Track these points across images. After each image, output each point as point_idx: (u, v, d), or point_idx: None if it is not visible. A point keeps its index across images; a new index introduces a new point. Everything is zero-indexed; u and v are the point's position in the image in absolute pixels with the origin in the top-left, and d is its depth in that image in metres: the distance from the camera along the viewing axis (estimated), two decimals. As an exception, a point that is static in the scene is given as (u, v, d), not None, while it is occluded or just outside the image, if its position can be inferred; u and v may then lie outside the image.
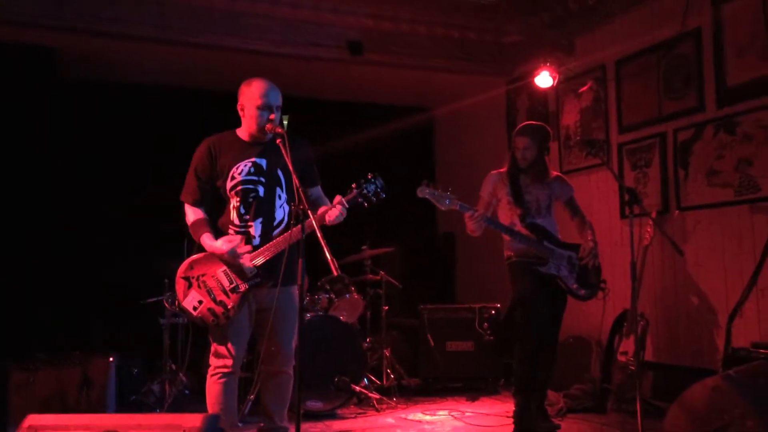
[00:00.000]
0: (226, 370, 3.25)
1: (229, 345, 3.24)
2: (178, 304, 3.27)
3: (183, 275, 3.27)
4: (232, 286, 3.22)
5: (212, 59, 5.84)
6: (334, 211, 3.16)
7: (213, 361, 3.29)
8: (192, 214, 3.34)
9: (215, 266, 3.25)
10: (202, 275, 3.25)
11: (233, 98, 3.34)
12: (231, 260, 3.20)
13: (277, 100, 3.29)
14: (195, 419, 2.42)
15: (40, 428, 2.43)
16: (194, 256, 3.32)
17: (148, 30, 5.12)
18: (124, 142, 6.24)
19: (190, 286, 3.24)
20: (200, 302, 3.22)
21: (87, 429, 2.40)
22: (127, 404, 4.73)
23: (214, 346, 3.29)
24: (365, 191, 3.23)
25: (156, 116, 6.36)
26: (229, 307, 3.20)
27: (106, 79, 6.28)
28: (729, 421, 3.19)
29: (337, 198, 3.22)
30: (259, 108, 3.22)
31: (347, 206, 3.20)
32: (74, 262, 5.79)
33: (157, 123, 6.33)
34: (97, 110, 6.18)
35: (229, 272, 3.24)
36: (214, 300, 3.21)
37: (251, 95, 3.25)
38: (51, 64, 5.55)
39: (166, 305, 4.84)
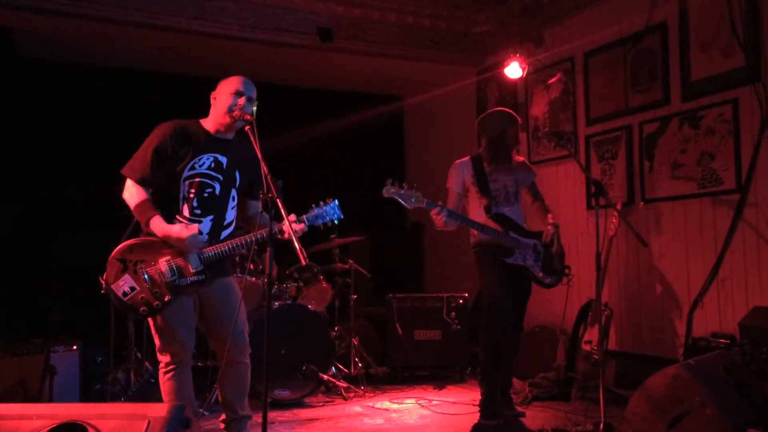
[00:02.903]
0: (175, 365, 3.18)
1: (176, 337, 3.15)
2: (107, 284, 3.10)
3: (119, 257, 3.11)
4: (172, 278, 3.08)
5: (178, 43, 5.75)
6: (297, 226, 3.12)
7: (161, 357, 3.20)
8: (136, 193, 3.13)
9: (158, 255, 3.10)
10: (141, 261, 3.09)
11: (200, 82, 3.30)
12: (185, 248, 3.08)
13: (252, 92, 3.27)
14: (161, 408, 2.39)
15: (0, 417, 2.38)
16: (134, 240, 3.16)
17: (110, 11, 5.00)
18: (86, 125, 6.10)
19: (125, 270, 3.08)
20: (132, 289, 3.07)
21: (50, 418, 2.35)
22: (91, 393, 4.65)
23: (158, 342, 3.18)
24: (325, 215, 3.23)
25: (120, 99, 6.23)
26: (165, 300, 3.07)
27: (67, 61, 6.15)
28: (688, 409, 3.27)
29: (293, 216, 3.14)
30: (232, 93, 3.20)
31: (307, 223, 3.19)
32: (34, 248, 5.66)
33: (120, 106, 6.21)
34: (58, 92, 6.04)
35: (173, 264, 3.09)
36: (151, 290, 3.06)
37: (228, 83, 3.25)
38: (8, 44, 5.39)
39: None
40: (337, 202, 3.27)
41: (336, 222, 3.25)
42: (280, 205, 2.86)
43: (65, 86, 6.08)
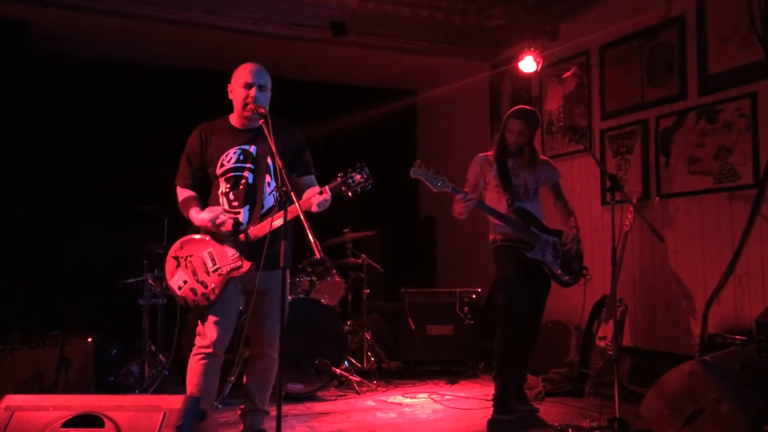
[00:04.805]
0: (207, 351, 3.24)
1: (213, 327, 3.23)
2: (165, 283, 3.32)
3: (173, 255, 3.30)
4: (215, 267, 3.22)
5: (192, 37, 5.75)
6: (317, 198, 3.11)
7: (197, 341, 3.29)
8: (181, 192, 3.39)
9: (202, 247, 3.27)
10: (190, 256, 3.27)
11: (213, 77, 3.33)
12: (214, 229, 3.20)
13: (263, 80, 3.29)
14: (175, 401, 2.40)
15: (17, 409, 2.39)
16: (185, 237, 3.33)
17: (124, 5, 5.02)
18: (102, 121, 6.13)
19: (178, 266, 3.28)
20: (185, 282, 3.25)
21: (66, 409, 2.37)
22: (105, 385, 4.69)
23: (198, 327, 3.29)
24: (350, 180, 3.12)
25: (134, 95, 6.26)
26: (209, 287, 3.20)
27: (82, 56, 6.16)
28: (704, 406, 3.25)
29: (316, 189, 3.21)
30: (242, 86, 3.24)
31: (330, 194, 3.14)
32: (51, 243, 5.71)
33: (135, 101, 6.23)
34: (73, 87, 6.06)
35: (213, 253, 3.24)
36: (197, 280, 3.23)
37: (239, 74, 3.28)
38: (25, 39, 5.41)
39: (151, 282, 4.82)
40: (364, 165, 3.17)
41: (369, 186, 3.15)
42: (294, 198, 2.90)
43: (80, 81, 6.10)
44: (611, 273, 3.86)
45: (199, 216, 3.24)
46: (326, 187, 3.16)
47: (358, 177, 3.12)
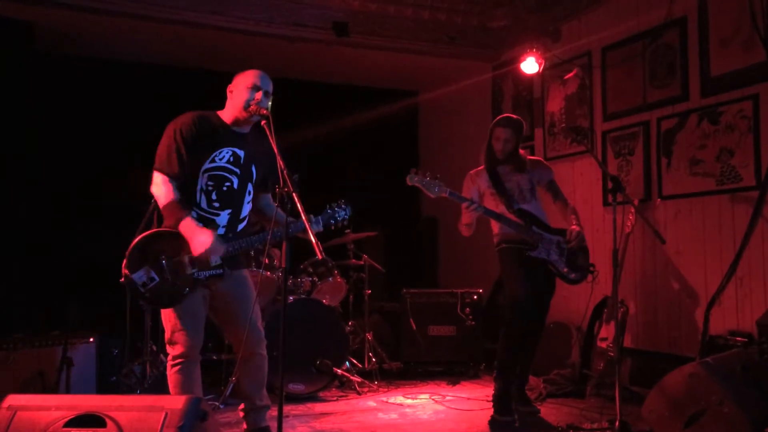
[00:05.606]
0: (183, 359, 3.18)
1: (185, 332, 3.16)
2: (126, 275, 3.08)
3: (140, 248, 3.11)
4: (192, 271, 3.10)
5: (194, 38, 5.75)
6: (315, 227, 3.28)
7: (170, 350, 3.20)
8: (166, 189, 3.12)
9: (179, 247, 3.10)
10: (162, 252, 3.10)
11: (215, 77, 3.31)
12: (202, 256, 3.07)
13: (268, 86, 3.29)
14: (177, 401, 2.41)
15: (20, 408, 2.39)
16: (154, 231, 3.19)
17: (126, 5, 5.02)
18: (103, 120, 6.12)
19: (145, 260, 3.08)
20: (152, 279, 3.07)
21: (68, 409, 2.37)
22: (107, 385, 4.69)
23: (168, 334, 3.19)
24: (337, 215, 3.39)
25: (135, 94, 6.25)
26: (184, 292, 3.10)
27: (85, 55, 6.17)
28: (706, 407, 3.25)
29: (311, 217, 3.24)
30: (249, 88, 3.22)
31: (322, 223, 3.35)
32: (52, 242, 5.71)
33: (136, 101, 6.22)
34: (75, 87, 6.06)
35: (193, 258, 3.08)
36: (171, 281, 3.07)
37: (244, 77, 3.26)
38: (28, 39, 5.42)
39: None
40: (347, 205, 3.44)
41: (346, 222, 3.43)
42: (296, 199, 2.87)
43: (81, 81, 6.10)
44: (612, 274, 3.87)
45: (199, 236, 3.04)
46: (320, 218, 3.35)
47: (342, 214, 3.41)
